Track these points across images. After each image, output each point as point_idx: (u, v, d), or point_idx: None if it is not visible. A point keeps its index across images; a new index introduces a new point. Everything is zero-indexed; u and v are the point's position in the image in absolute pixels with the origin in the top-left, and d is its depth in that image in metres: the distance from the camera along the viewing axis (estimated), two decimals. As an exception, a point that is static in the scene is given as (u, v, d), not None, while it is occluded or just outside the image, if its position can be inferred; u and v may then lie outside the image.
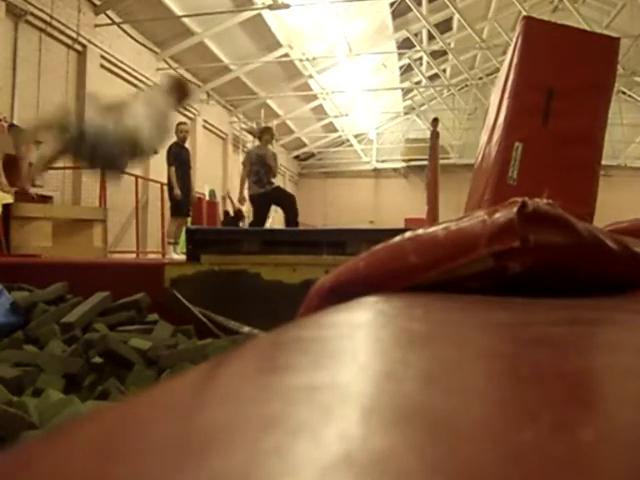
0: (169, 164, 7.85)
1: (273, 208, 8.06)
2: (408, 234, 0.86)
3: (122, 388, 2.64)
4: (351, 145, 21.28)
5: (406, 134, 21.37)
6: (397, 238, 0.87)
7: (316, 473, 0.18)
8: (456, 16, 14.36)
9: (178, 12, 10.85)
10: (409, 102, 20.94)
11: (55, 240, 6.94)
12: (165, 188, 10.65)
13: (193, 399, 0.30)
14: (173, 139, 8.49)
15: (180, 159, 7.84)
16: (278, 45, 13.31)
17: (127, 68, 10.82)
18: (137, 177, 9.85)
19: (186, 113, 13.37)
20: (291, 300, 1.22)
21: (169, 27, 11.27)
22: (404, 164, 20.97)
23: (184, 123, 8.60)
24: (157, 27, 11.09)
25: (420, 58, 17.67)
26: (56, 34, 8.99)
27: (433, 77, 18.77)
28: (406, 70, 17.94)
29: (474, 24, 14.07)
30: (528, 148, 3.42)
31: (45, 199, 8.28)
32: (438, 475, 0.18)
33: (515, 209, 0.73)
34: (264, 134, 7.89)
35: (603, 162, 3.70)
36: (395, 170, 21.59)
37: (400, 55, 16.75)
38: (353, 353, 0.41)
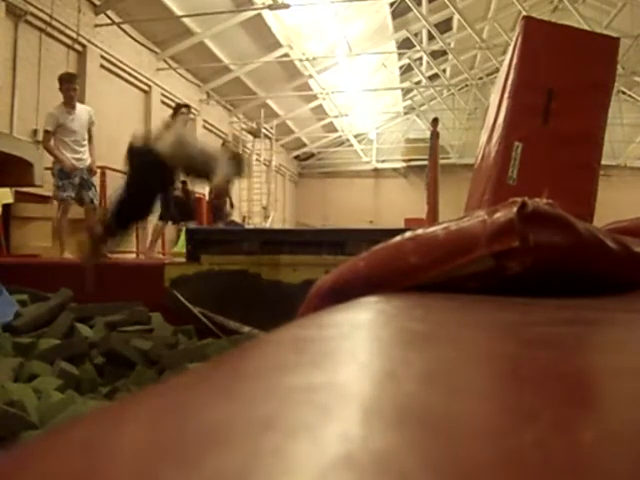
0: None
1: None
2: (408, 234, 0.86)
3: (132, 388, 2.64)
4: (351, 145, 21.27)
5: (406, 134, 21.35)
6: (397, 238, 0.87)
7: (316, 473, 0.18)
8: (456, 16, 14.35)
9: (178, 12, 10.84)
10: (409, 102, 20.93)
11: (55, 240, 6.94)
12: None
13: (193, 399, 0.30)
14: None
15: None
16: (278, 45, 13.30)
17: (127, 68, 10.81)
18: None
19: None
20: (291, 300, 1.22)
21: (169, 27, 11.26)
22: (404, 164, 20.96)
23: (230, 142, 9.44)
24: (157, 27, 11.08)
25: (420, 58, 17.66)
26: (56, 34, 8.98)
27: (433, 77, 18.76)
28: (406, 70, 17.93)
29: (474, 24, 14.06)
30: (528, 148, 3.42)
31: (45, 199, 8.28)
32: (438, 475, 0.18)
33: (515, 209, 0.73)
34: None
35: (603, 162, 3.69)
36: (395, 170, 21.58)
37: (400, 55, 16.73)
38: (353, 353, 0.41)
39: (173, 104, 12.66)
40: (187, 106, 6.79)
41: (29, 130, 8.40)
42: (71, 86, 6.06)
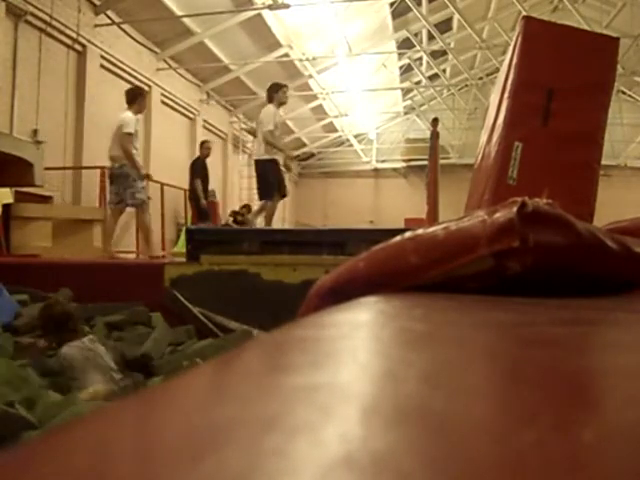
0: (194, 177, 8.50)
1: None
2: (408, 234, 0.86)
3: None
4: (351, 145, 21.26)
5: (406, 134, 21.33)
6: (397, 238, 0.87)
7: (316, 473, 0.18)
8: (456, 16, 14.34)
9: (178, 12, 10.83)
10: (409, 102, 20.91)
11: (55, 240, 6.94)
12: (165, 189, 10.70)
13: (194, 399, 0.30)
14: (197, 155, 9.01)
15: (204, 173, 8.52)
16: (278, 45, 13.30)
17: (127, 68, 10.81)
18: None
19: (186, 113, 13.36)
20: (291, 300, 1.22)
21: (169, 27, 11.26)
22: (404, 164, 20.95)
23: (208, 141, 9.38)
24: (157, 27, 11.07)
25: (420, 58, 17.65)
26: (56, 34, 8.98)
27: (433, 77, 18.75)
28: (406, 70, 17.92)
29: (474, 24, 14.05)
30: (528, 148, 3.42)
31: (45, 199, 8.28)
32: (438, 475, 0.18)
33: (515, 209, 0.73)
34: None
35: (603, 162, 3.69)
36: (395, 170, 21.58)
37: (400, 55, 16.72)
38: (353, 353, 0.41)
39: (173, 104, 12.73)
40: (286, 85, 7.20)
41: (29, 130, 8.40)
42: (145, 100, 6.18)
